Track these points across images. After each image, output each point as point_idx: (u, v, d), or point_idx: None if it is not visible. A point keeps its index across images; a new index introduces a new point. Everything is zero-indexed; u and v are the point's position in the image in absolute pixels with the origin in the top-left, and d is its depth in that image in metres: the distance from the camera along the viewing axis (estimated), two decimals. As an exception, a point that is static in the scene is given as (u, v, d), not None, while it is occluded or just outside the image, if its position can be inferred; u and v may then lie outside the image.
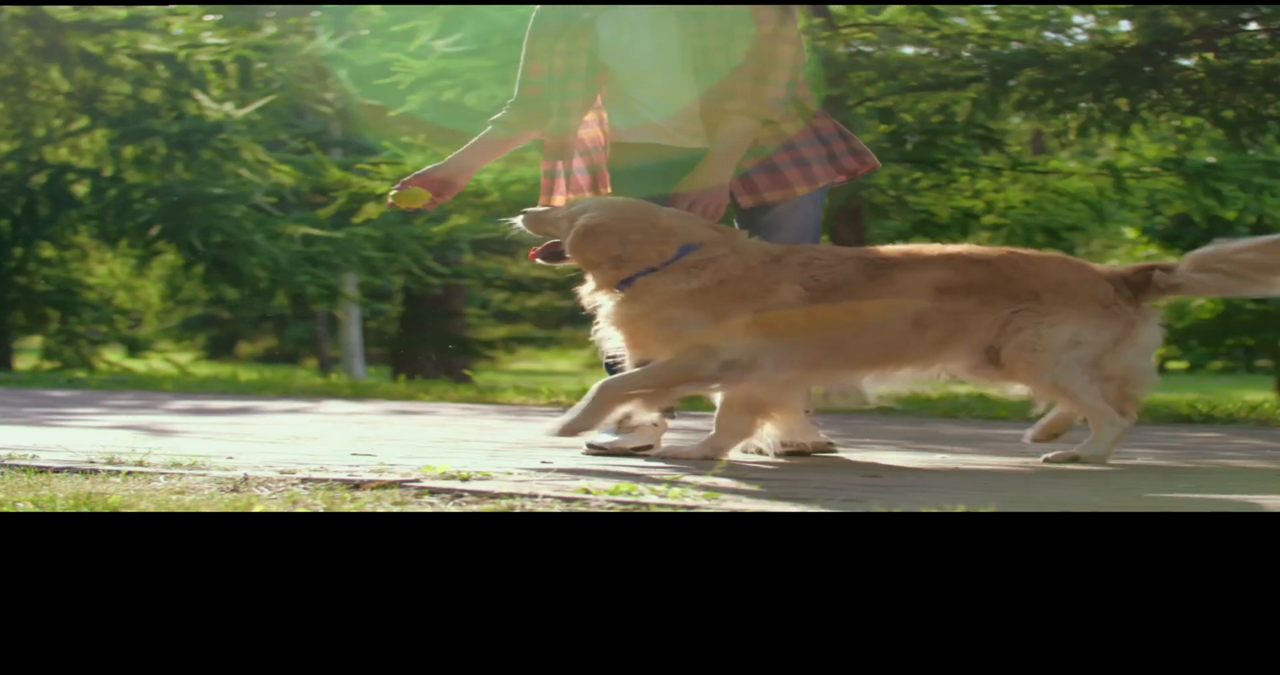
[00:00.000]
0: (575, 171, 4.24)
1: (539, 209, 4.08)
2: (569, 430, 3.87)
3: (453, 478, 3.27)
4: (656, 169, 4.18)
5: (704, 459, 3.90)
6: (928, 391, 4.33)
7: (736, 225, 4.21)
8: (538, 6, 4.27)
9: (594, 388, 3.90)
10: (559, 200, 4.22)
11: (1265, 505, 3.06)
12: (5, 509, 2.78)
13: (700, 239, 3.89)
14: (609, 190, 4.23)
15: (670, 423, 4.36)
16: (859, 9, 8.69)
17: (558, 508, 2.85)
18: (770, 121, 4.06)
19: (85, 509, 2.80)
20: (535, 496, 2.95)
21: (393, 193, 4.28)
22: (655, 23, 4.12)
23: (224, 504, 2.88)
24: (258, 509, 2.83)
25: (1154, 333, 3.89)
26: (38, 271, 14.77)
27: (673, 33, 4.11)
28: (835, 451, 4.19)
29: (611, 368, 4.08)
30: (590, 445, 4.21)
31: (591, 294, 3.97)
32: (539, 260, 4.07)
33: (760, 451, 4.20)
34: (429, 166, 4.34)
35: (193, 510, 2.80)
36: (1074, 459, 3.88)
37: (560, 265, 4.04)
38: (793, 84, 4.07)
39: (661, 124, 4.17)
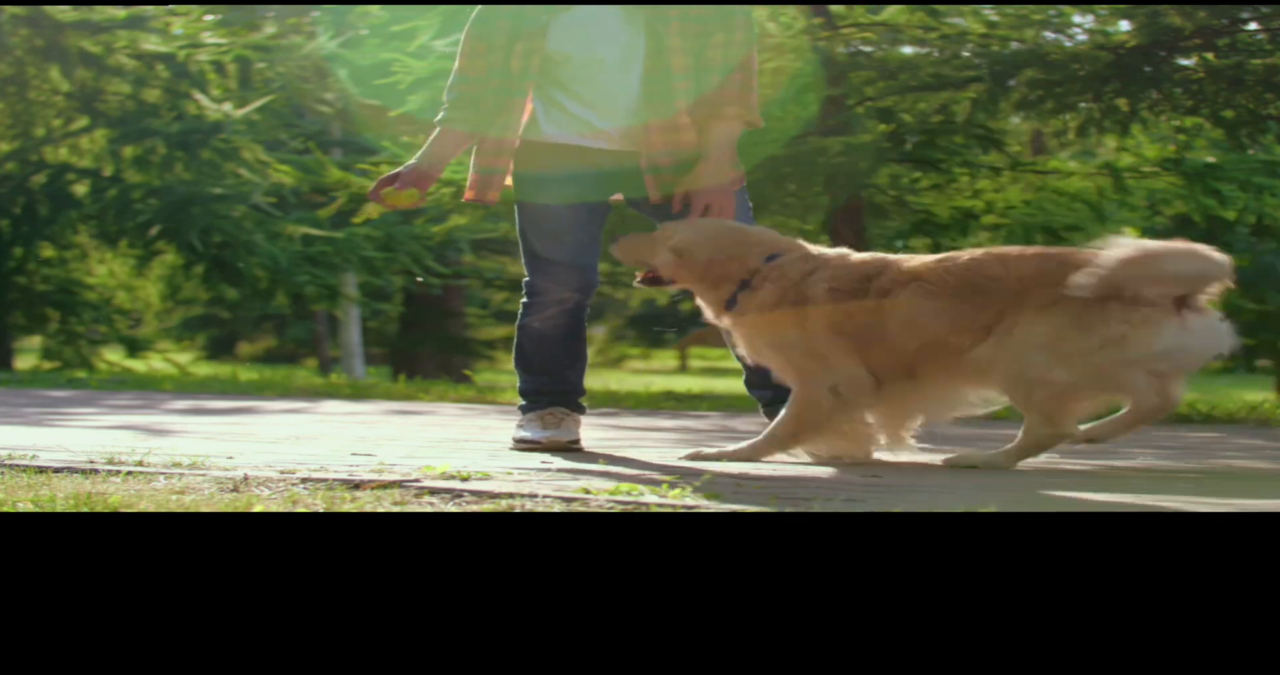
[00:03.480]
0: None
1: (629, 237, 4.16)
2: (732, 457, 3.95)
3: (453, 478, 3.27)
4: (588, 174, 4.25)
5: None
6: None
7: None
8: (478, 5, 4.31)
9: (767, 431, 3.97)
10: (493, 196, 4.30)
11: (1265, 505, 3.06)
12: (5, 509, 2.78)
13: (783, 248, 3.98)
14: (496, 194, 4.31)
15: (583, 418, 4.43)
16: (859, 9, 8.69)
17: (558, 508, 2.85)
18: (752, 125, 4.20)
19: (85, 509, 2.80)
20: (535, 496, 2.95)
21: (385, 192, 4.28)
22: (624, 24, 4.17)
23: (224, 504, 2.88)
24: (258, 509, 2.83)
25: None
26: (38, 271, 14.78)
27: (639, 35, 4.16)
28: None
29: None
30: (519, 440, 4.30)
31: (711, 317, 4.08)
32: (641, 286, 4.18)
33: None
34: (403, 167, 4.35)
35: (193, 510, 2.80)
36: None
37: (670, 289, 4.16)
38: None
39: (605, 127, 4.21)
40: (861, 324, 3.81)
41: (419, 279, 13.85)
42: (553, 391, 4.36)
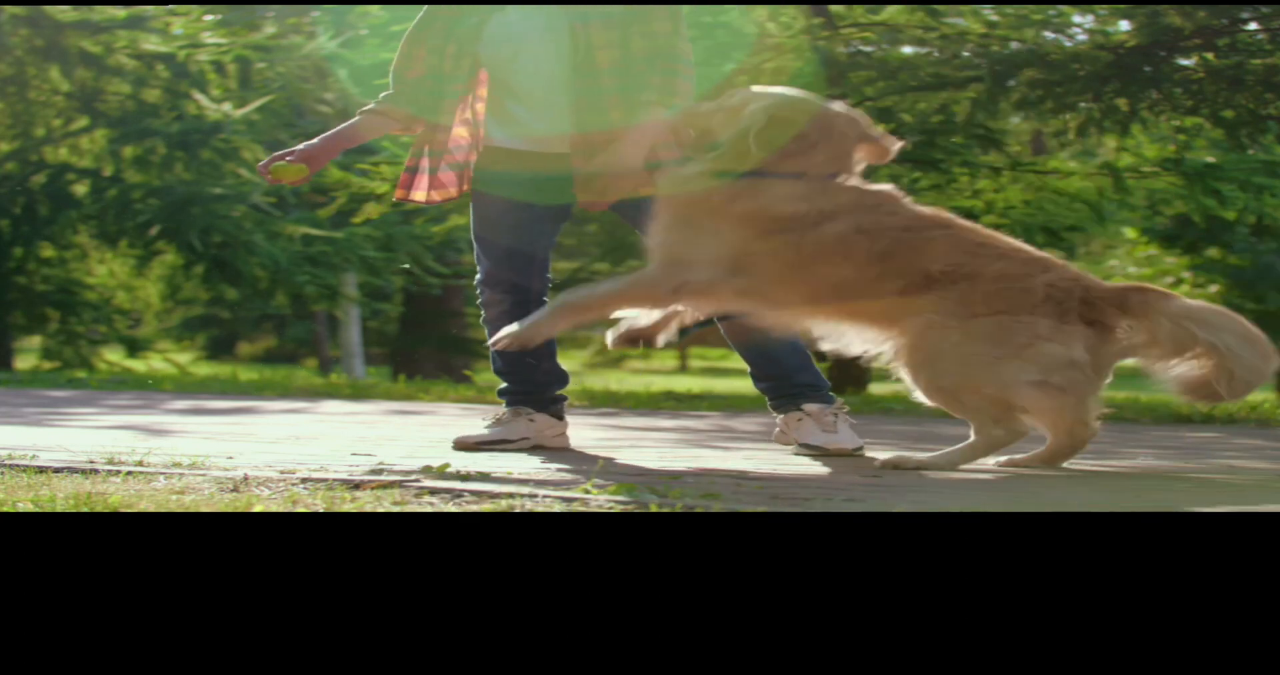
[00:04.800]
0: (441, 169, 4.28)
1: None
2: (518, 340, 3.87)
3: (453, 478, 3.27)
4: (529, 177, 4.25)
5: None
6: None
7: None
8: (424, 7, 4.33)
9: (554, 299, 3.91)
10: (418, 196, 4.28)
11: (1265, 505, 3.06)
12: (5, 509, 2.78)
13: (833, 170, 3.74)
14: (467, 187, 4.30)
15: (568, 421, 4.43)
16: (858, 9, 8.69)
17: (558, 508, 2.85)
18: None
19: (85, 509, 2.80)
20: (535, 496, 2.95)
21: (273, 166, 4.20)
22: (547, 29, 4.17)
23: (224, 504, 2.88)
24: (258, 509, 2.83)
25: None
26: (38, 271, 14.78)
27: (563, 40, 4.16)
28: (861, 454, 4.17)
29: None
30: (468, 441, 4.30)
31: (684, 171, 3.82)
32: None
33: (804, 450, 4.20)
34: (300, 145, 4.30)
35: (193, 510, 2.80)
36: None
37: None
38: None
39: (543, 134, 4.21)
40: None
41: (406, 266, 13.86)
42: (519, 391, 4.38)
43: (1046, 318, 3.56)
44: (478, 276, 4.37)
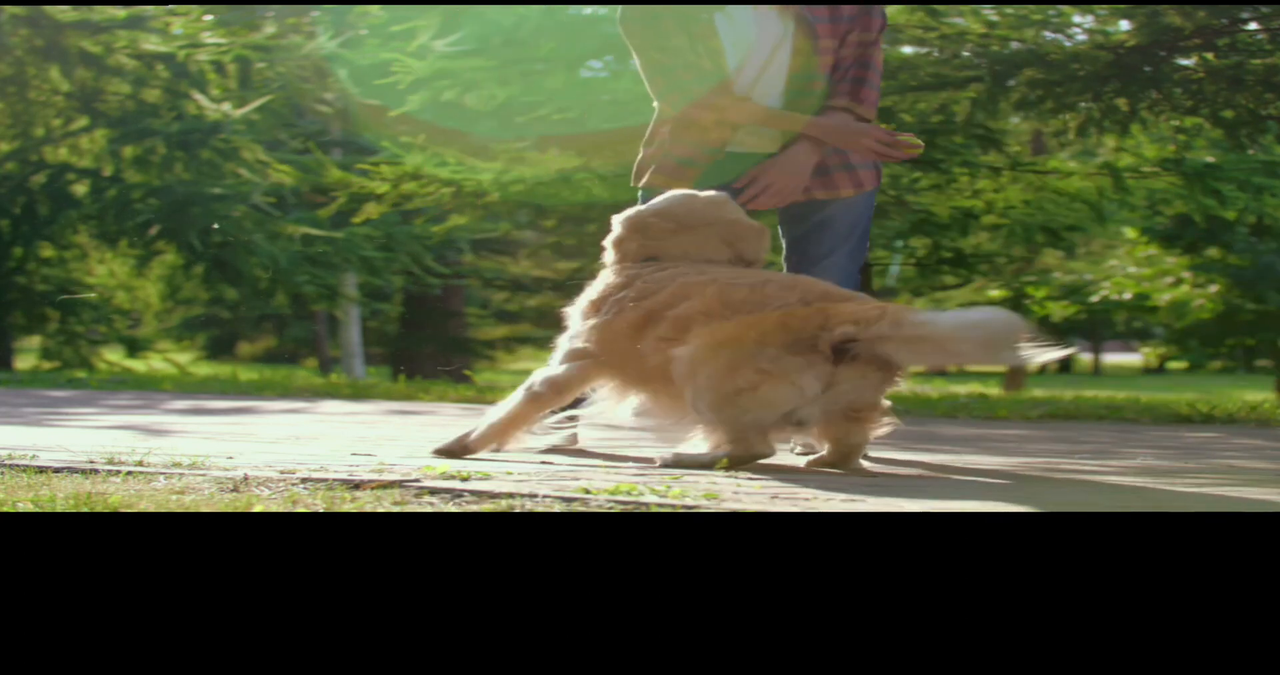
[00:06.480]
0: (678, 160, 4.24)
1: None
2: (446, 452, 3.89)
3: (453, 478, 3.27)
4: (714, 170, 4.22)
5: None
6: (928, 392, 4.32)
7: (781, 220, 4.30)
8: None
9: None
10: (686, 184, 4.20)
11: (1265, 505, 3.06)
12: (5, 509, 2.78)
13: (702, 256, 3.81)
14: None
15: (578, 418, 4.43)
16: (859, 9, 8.68)
17: (558, 508, 2.85)
18: (861, 117, 4.15)
19: (85, 509, 2.80)
20: (535, 496, 2.95)
21: (897, 140, 4.17)
22: (764, 23, 4.13)
23: (224, 504, 2.88)
24: (258, 509, 2.83)
25: None
26: (38, 271, 14.79)
27: (784, 33, 4.12)
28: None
29: None
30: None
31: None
32: None
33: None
34: (834, 128, 4.15)
35: (193, 510, 2.80)
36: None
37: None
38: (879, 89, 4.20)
39: (757, 137, 4.20)
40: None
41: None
42: None
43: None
44: None
